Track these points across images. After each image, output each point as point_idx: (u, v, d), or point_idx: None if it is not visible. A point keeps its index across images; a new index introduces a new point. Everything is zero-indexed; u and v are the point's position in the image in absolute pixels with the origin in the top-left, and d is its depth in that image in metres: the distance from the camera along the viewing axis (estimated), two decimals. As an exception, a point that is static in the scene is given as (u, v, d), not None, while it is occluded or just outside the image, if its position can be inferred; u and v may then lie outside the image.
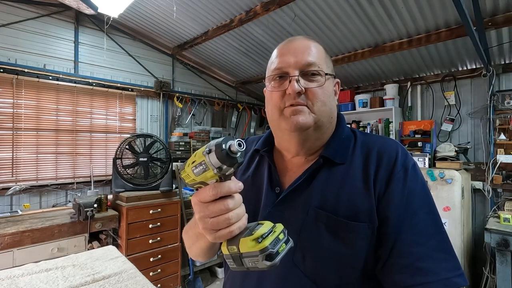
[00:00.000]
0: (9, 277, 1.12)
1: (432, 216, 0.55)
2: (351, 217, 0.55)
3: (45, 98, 2.78)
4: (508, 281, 2.04)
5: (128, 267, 1.28)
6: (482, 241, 2.23)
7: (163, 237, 2.75)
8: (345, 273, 0.56)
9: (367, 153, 0.61)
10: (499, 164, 2.62)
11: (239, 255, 0.47)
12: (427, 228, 0.54)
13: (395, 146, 0.61)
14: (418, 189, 0.56)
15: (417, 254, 0.52)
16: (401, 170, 0.57)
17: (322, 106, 0.61)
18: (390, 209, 0.55)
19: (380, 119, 3.41)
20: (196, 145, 3.66)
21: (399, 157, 0.58)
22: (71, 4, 2.56)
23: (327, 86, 0.62)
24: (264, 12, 2.44)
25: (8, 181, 2.56)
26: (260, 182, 0.69)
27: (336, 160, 0.61)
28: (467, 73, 2.92)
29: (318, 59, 0.62)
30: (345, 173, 0.60)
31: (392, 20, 2.37)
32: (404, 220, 0.54)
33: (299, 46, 0.62)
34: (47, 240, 2.13)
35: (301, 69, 0.60)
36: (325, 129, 0.64)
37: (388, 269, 0.54)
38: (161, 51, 3.65)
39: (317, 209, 0.58)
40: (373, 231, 0.55)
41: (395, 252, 0.53)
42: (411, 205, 0.54)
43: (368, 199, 0.56)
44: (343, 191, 0.58)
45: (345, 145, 0.64)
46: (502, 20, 2.12)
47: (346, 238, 0.55)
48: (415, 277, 0.50)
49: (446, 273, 0.50)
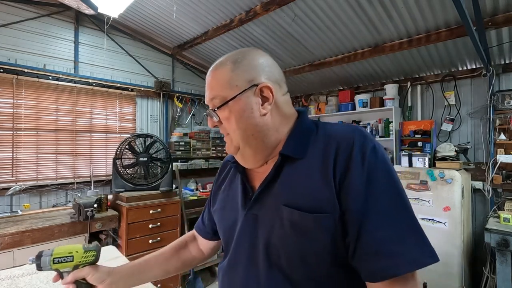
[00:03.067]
0: (9, 277, 1.12)
1: (396, 197, 0.54)
2: (314, 210, 0.56)
3: (45, 98, 2.79)
4: (508, 281, 2.04)
5: (128, 267, 1.28)
6: (482, 241, 2.23)
7: (163, 237, 2.75)
8: (318, 266, 0.57)
9: (326, 143, 0.60)
10: (499, 164, 2.62)
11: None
12: (390, 211, 0.53)
13: (351, 131, 0.60)
14: (378, 172, 0.55)
15: (381, 237, 0.51)
16: (358, 155, 0.56)
17: (236, 130, 0.63)
18: (350, 196, 0.54)
19: (380, 119, 3.41)
20: (196, 145, 3.65)
21: (356, 141, 0.57)
22: (71, 4, 2.56)
23: (234, 109, 0.62)
24: (264, 12, 2.44)
25: (8, 181, 2.57)
26: (235, 192, 0.72)
27: (295, 156, 0.61)
28: (467, 73, 2.92)
29: (217, 90, 0.64)
30: (305, 167, 0.60)
31: (392, 20, 2.37)
32: (366, 206, 0.53)
33: (206, 84, 0.67)
34: (47, 240, 2.13)
35: (210, 106, 0.66)
36: (258, 142, 0.64)
37: (357, 256, 0.54)
38: (161, 51, 3.65)
39: (284, 206, 0.59)
40: (336, 220, 0.55)
41: (361, 239, 0.53)
42: (371, 189, 0.53)
43: (328, 189, 0.56)
44: (304, 185, 0.58)
45: (303, 139, 0.64)
46: (502, 20, 2.11)
47: (310, 232, 0.56)
48: (382, 261, 0.50)
49: (414, 253, 0.50)
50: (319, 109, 3.93)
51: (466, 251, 2.45)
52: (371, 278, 0.52)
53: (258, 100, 0.63)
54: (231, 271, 0.67)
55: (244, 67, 0.63)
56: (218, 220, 0.77)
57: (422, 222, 2.50)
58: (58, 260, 0.72)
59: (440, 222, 2.43)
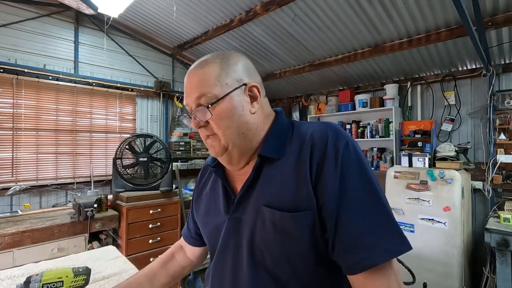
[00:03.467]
0: (9, 277, 1.12)
1: (369, 191, 0.55)
2: (293, 209, 0.57)
3: (45, 98, 2.79)
4: (508, 281, 2.04)
5: (128, 267, 1.28)
6: (482, 241, 2.23)
7: (163, 237, 2.75)
8: (302, 264, 0.58)
9: (302, 141, 0.61)
10: (499, 164, 2.62)
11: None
12: (364, 204, 0.54)
13: (325, 128, 0.61)
14: (351, 167, 0.56)
15: (355, 231, 0.53)
16: (332, 151, 0.57)
17: (226, 129, 0.62)
18: (325, 192, 0.55)
19: (380, 119, 3.41)
20: (196, 145, 3.65)
21: (330, 138, 0.58)
22: (71, 4, 2.56)
23: (225, 107, 0.62)
24: (264, 12, 2.44)
25: (8, 181, 2.57)
26: (217, 196, 0.73)
27: (272, 156, 0.62)
28: (467, 73, 2.92)
29: (206, 86, 0.62)
30: (283, 166, 0.61)
31: (392, 20, 2.37)
32: (341, 201, 0.54)
33: (189, 82, 0.65)
34: (47, 240, 2.13)
35: (196, 105, 0.63)
36: (245, 142, 0.64)
37: (336, 251, 0.55)
38: (161, 51, 3.65)
39: (264, 207, 0.60)
40: (314, 217, 0.56)
41: (337, 234, 0.54)
42: (345, 185, 0.55)
43: (305, 187, 0.56)
44: (283, 185, 0.59)
45: (281, 139, 0.64)
46: (502, 20, 2.11)
47: (291, 230, 0.57)
48: (358, 253, 0.52)
49: (388, 243, 0.52)
50: (319, 109, 3.93)
51: (466, 251, 2.45)
52: (350, 271, 0.54)
53: (247, 99, 0.64)
54: (218, 275, 0.68)
55: (232, 67, 0.64)
56: (202, 226, 0.77)
57: (422, 222, 2.51)
58: (48, 286, 0.71)
59: (440, 222, 2.43)
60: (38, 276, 0.71)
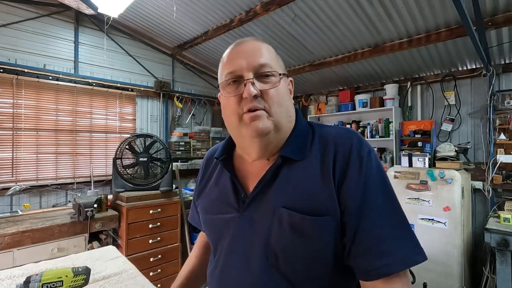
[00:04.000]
0: (9, 277, 1.11)
1: (389, 200, 0.56)
2: (314, 212, 0.56)
3: (45, 98, 2.79)
4: (508, 281, 2.04)
5: (128, 267, 1.28)
6: (482, 241, 2.23)
7: (163, 237, 2.75)
8: (318, 268, 0.57)
9: (324, 145, 0.61)
10: (499, 164, 2.62)
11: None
12: (384, 211, 0.55)
13: (350, 135, 0.61)
14: (374, 175, 0.57)
15: (376, 237, 0.53)
16: (356, 158, 0.57)
17: (278, 107, 0.61)
18: (349, 198, 0.55)
19: (380, 119, 3.41)
20: (196, 145, 3.65)
21: (354, 145, 0.59)
22: (71, 4, 2.56)
23: (282, 86, 0.62)
24: (264, 12, 2.44)
25: (8, 181, 2.57)
26: (224, 191, 0.69)
27: (294, 157, 0.61)
28: (467, 73, 2.92)
29: (270, 60, 0.62)
30: (305, 169, 0.60)
31: (392, 20, 2.37)
32: (362, 207, 0.55)
33: (249, 48, 0.62)
34: (47, 240, 2.13)
35: (254, 71, 0.60)
36: (285, 130, 0.64)
37: (352, 255, 0.55)
38: (161, 51, 3.65)
39: (282, 208, 0.58)
40: (337, 222, 0.56)
41: (356, 238, 0.54)
42: (368, 191, 0.55)
43: (328, 191, 0.56)
44: (304, 187, 0.58)
45: (303, 141, 0.64)
46: (502, 20, 2.11)
47: (311, 234, 0.56)
48: (376, 260, 0.52)
49: (405, 252, 0.52)
50: (319, 109, 3.93)
51: (466, 251, 2.45)
52: (366, 277, 0.54)
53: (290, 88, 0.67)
54: (224, 275, 0.65)
55: (279, 57, 0.66)
56: (205, 221, 0.74)
57: (422, 222, 2.51)
58: (48, 286, 0.71)
59: (440, 222, 2.43)
60: (38, 276, 0.71)
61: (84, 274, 0.75)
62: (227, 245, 0.65)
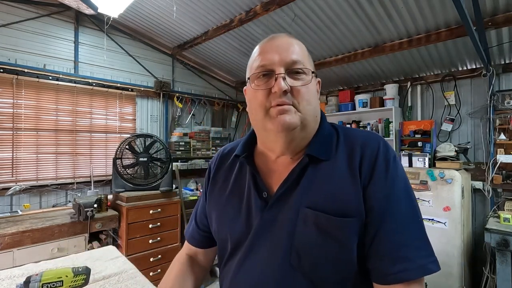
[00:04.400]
0: (9, 277, 1.11)
1: (411, 206, 0.57)
2: (341, 214, 0.56)
3: (45, 98, 2.78)
4: (508, 281, 2.04)
5: (128, 267, 1.28)
6: (482, 241, 2.23)
7: (163, 237, 2.75)
8: (342, 270, 0.57)
9: (351, 147, 0.61)
10: (499, 164, 2.62)
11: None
12: (406, 218, 0.56)
13: (377, 140, 0.62)
14: (398, 180, 0.58)
15: (396, 242, 0.54)
16: (383, 163, 0.58)
17: (307, 105, 0.60)
18: (373, 200, 0.56)
19: (380, 119, 3.41)
20: (196, 145, 3.65)
21: (381, 150, 0.59)
22: (71, 4, 2.56)
23: (312, 85, 0.62)
24: (264, 12, 2.44)
25: (8, 181, 2.56)
26: (244, 189, 0.67)
27: (321, 157, 0.61)
28: (467, 73, 2.92)
29: (302, 57, 0.61)
30: (331, 169, 0.60)
31: (392, 20, 2.37)
32: (386, 210, 0.55)
33: (282, 44, 0.62)
34: (47, 240, 2.13)
35: (286, 67, 0.59)
36: (310, 128, 0.63)
37: (370, 256, 0.56)
38: (161, 51, 3.65)
39: (307, 208, 0.58)
40: (361, 223, 0.56)
41: (376, 240, 0.55)
42: (392, 196, 0.56)
43: (355, 193, 0.57)
44: (331, 188, 0.58)
45: (328, 141, 0.64)
46: (502, 20, 2.11)
47: (337, 235, 0.56)
48: (395, 264, 0.52)
49: (422, 260, 0.53)
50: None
51: (466, 251, 2.44)
52: (382, 280, 0.54)
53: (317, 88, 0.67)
54: (242, 273, 0.63)
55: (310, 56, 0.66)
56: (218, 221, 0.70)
57: (422, 222, 2.51)
58: (48, 286, 0.70)
59: (440, 222, 2.43)
60: (38, 276, 0.71)
61: (84, 274, 0.75)
62: (245, 246, 0.63)
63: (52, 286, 0.71)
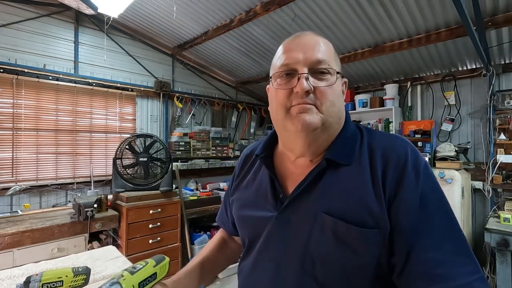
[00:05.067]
0: (9, 277, 1.11)
1: (448, 219, 0.52)
2: (361, 223, 0.52)
3: (45, 98, 2.78)
4: (508, 281, 2.04)
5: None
6: (482, 241, 2.23)
7: (163, 237, 2.75)
8: (356, 280, 0.54)
9: (375, 152, 0.57)
10: (499, 164, 2.62)
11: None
12: (443, 233, 0.51)
13: (404, 145, 0.57)
14: (431, 192, 0.53)
15: (433, 260, 0.49)
16: (412, 172, 0.53)
17: (331, 106, 0.57)
18: (402, 215, 0.51)
19: (380, 119, 3.41)
20: (196, 145, 3.65)
21: (409, 157, 0.54)
22: (71, 4, 2.56)
23: (337, 85, 0.59)
24: (264, 12, 2.44)
25: (8, 181, 2.56)
26: (262, 188, 0.67)
27: (341, 161, 0.58)
28: (467, 73, 2.92)
29: (328, 56, 0.58)
30: (352, 175, 0.57)
31: (392, 20, 2.37)
32: (418, 226, 0.51)
33: (308, 42, 0.59)
34: (47, 240, 2.12)
35: (310, 66, 0.57)
36: (333, 130, 0.61)
37: (405, 277, 0.51)
38: (161, 51, 3.65)
39: (325, 214, 0.55)
40: (385, 237, 0.52)
41: (410, 259, 0.50)
42: (425, 209, 0.51)
43: (378, 203, 0.53)
44: (351, 195, 0.55)
45: (350, 145, 0.60)
46: (502, 20, 2.11)
47: (355, 245, 0.53)
48: (433, 285, 0.48)
49: (465, 278, 0.48)
50: (319, 109, 3.93)
51: (466, 251, 2.44)
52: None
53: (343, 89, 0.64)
54: (256, 272, 0.63)
55: (337, 56, 0.63)
56: (239, 218, 0.72)
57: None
58: (48, 286, 0.70)
59: (440, 222, 2.43)
60: (37, 276, 0.71)
61: (84, 274, 0.75)
62: (259, 245, 0.63)
63: (52, 286, 0.71)
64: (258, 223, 0.64)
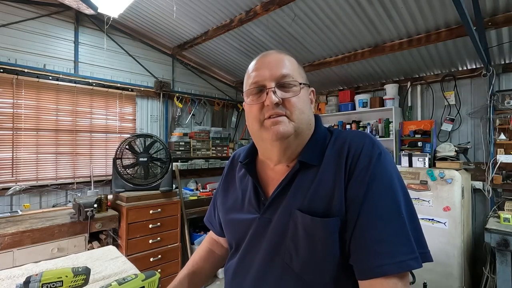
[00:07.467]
0: (9, 277, 1.11)
1: (393, 201, 0.56)
2: (325, 214, 0.58)
3: (45, 98, 2.78)
4: (508, 281, 2.04)
5: (128, 267, 1.28)
6: (482, 241, 2.23)
7: (163, 237, 2.75)
8: (330, 268, 0.58)
9: (339, 148, 0.64)
10: (499, 164, 2.62)
11: None
12: (387, 213, 0.55)
13: (363, 137, 0.63)
14: (381, 175, 0.58)
15: (374, 237, 0.54)
16: (366, 158, 0.59)
17: (300, 114, 0.64)
18: (352, 196, 0.57)
19: (380, 119, 3.41)
20: (196, 145, 3.66)
21: (365, 147, 0.61)
22: (71, 4, 2.56)
23: (302, 94, 0.65)
24: (264, 12, 2.44)
25: (8, 181, 2.56)
26: (247, 192, 0.74)
27: (312, 162, 0.64)
28: (467, 73, 2.92)
29: (291, 70, 0.65)
30: (321, 173, 0.63)
31: (392, 20, 2.37)
32: (364, 205, 0.56)
33: (272, 60, 0.66)
34: (47, 240, 2.12)
35: (276, 81, 0.64)
36: (304, 136, 0.67)
37: (352, 255, 0.57)
38: (161, 51, 3.65)
39: (297, 211, 0.61)
40: (342, 222, 0.58)
41: (355, 235, 0.56)
42: (371, 191, 0.56)
43: (339, 194, 0.58)
44: (317, 190, 0.61)
45: (320, 146, 0.66)
46: (502, 20, 2.12)
47: (321, 236, 0.58)
48: (372, 260, 0.53)
49: (402, 256, 0.53)
50: (319, 109, 3.93)
51: (466, 251, 2.44)
52: (362, 276, 0.55)
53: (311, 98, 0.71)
54: (242, 273, 0.69)
55: (302, 68, 0.71)
56: (225, 220, 0.78)
57: (422, 222, 2.50)
58: (48, 286, 0.71)
59: (440, 222, 2.43)
60: (37, 276, 0.71)
61: (84, 274, 0.75)
62: (246, 245, 0.69)
63: (52, 286, 0.71)
64: (244, 225, 0.71)
